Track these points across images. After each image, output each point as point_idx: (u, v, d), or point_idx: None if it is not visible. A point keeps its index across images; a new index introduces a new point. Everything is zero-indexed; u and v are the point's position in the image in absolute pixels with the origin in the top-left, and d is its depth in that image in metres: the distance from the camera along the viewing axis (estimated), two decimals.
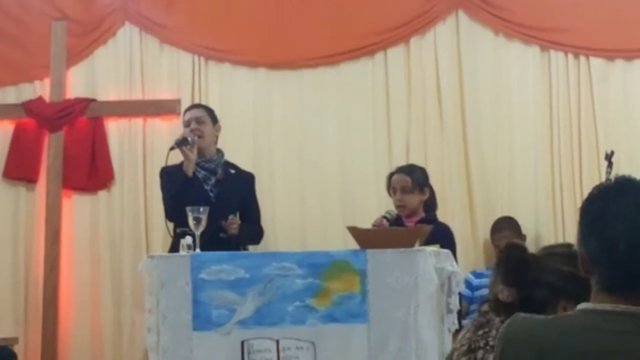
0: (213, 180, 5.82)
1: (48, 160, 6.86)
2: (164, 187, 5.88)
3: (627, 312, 2.04)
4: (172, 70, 6.95)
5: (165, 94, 6.91)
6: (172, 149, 5.69)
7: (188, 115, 5.94)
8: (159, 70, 6.97)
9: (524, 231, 6.44)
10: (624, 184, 2.15)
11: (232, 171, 5.95)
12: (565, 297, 2.84)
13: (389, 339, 4.67)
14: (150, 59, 6.98)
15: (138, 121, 6.92)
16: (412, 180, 5.77)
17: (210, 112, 5.99)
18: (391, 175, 5.90)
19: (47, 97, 6.92)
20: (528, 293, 2.91)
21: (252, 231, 5.95)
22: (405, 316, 4.64)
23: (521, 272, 2.93)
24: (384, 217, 5.60)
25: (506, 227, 6.40)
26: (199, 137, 5.77)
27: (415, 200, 5.77)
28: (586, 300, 2.63)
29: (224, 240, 5.56)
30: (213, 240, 5.37)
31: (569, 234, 6.27)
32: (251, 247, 6.01)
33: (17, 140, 6.94)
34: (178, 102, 6.84)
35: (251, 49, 6.91)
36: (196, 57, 6.95)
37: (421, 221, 5.63)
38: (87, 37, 7.00)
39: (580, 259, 2.17)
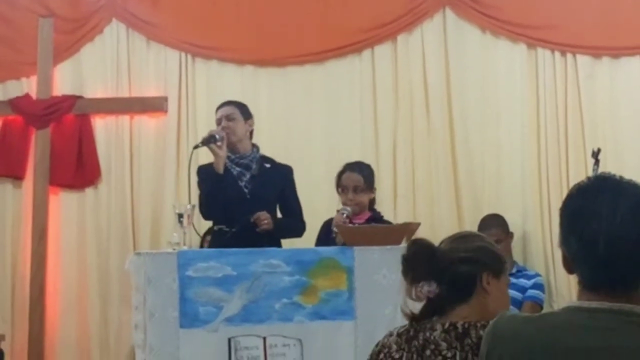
0: (248, 175, 5.63)
1: (35, 157, 6.85)
2: (199, 186, 5.70)
3: (612, 309, 2.05)
4: (159, 67, 6.94)
5: (152, 91, 6.90)
6: (196, 147, 5.56)
7: (219, 114, 5.71)
8: (145, 68, 6.96)
9: (511, 228, 6.45)
10: (601, 182, 2.14)
11: (268, 165, 5.75)
12: (485, 269, 2.85)
13: (376, 336, 4.64)
14: (137, 56, 6.97)
15: (125, 118, 6.91)
16: (364, 178, 5.72)
17: (241, 107, 5.77)
18: (341, 173, 5.77)
19: (34, 94, 6.91)
20: (451, 276, 2.85)
21: (290, 224, 5.76)
22: (393, 313, 4.63)
23: (436, 260, 2.89)
24: (346, 215, 5.52)
25: (493, 224, 6.38)
26: (231, 133, 5.61)
27: (366, 198, 5.69)
28: (502, 270, 2.82)
29: (258, 235, 5.43)
30: (248, 235, 5.32)
31: (556, 231, 6.25)
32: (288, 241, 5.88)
33: (4, 137, 6.93)
34: (165, 99, 6.85)
35: (238, 46, 6.89)
36: (183, 54, 6.94)
37: (370, 219, 5.60)
38: (74, 34, 6.98)
39: (563, 259, 2.17)
